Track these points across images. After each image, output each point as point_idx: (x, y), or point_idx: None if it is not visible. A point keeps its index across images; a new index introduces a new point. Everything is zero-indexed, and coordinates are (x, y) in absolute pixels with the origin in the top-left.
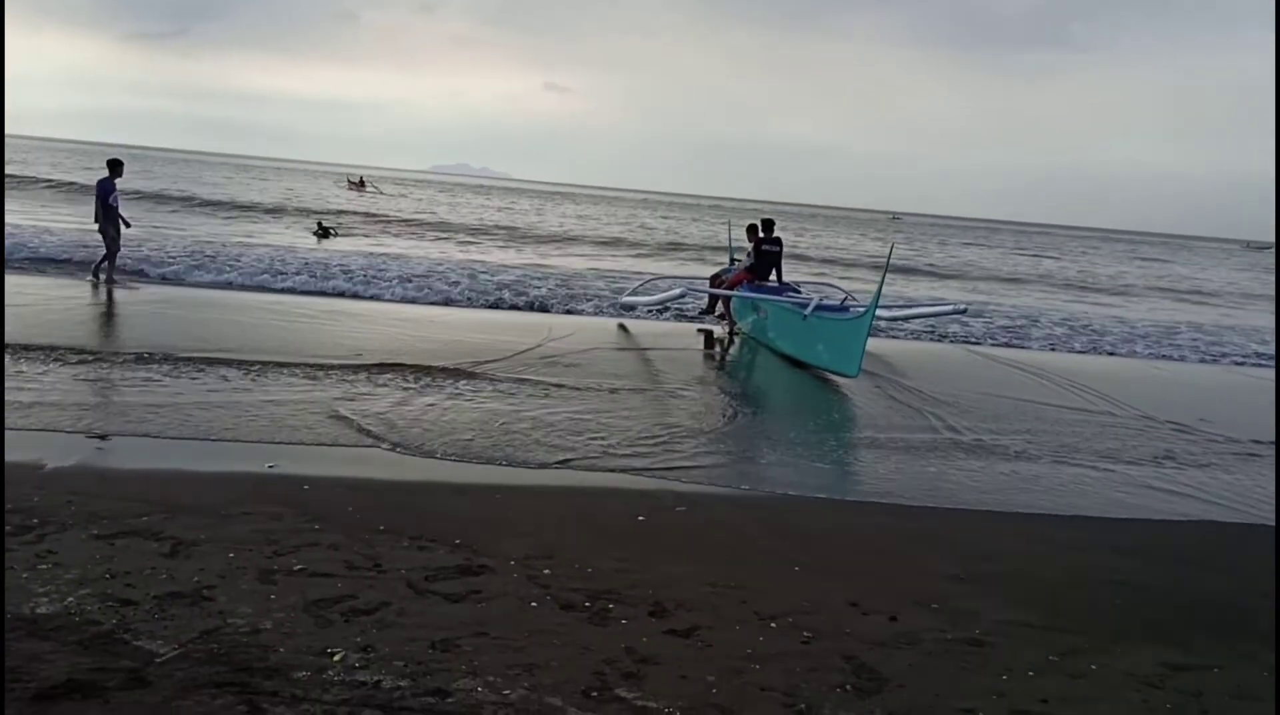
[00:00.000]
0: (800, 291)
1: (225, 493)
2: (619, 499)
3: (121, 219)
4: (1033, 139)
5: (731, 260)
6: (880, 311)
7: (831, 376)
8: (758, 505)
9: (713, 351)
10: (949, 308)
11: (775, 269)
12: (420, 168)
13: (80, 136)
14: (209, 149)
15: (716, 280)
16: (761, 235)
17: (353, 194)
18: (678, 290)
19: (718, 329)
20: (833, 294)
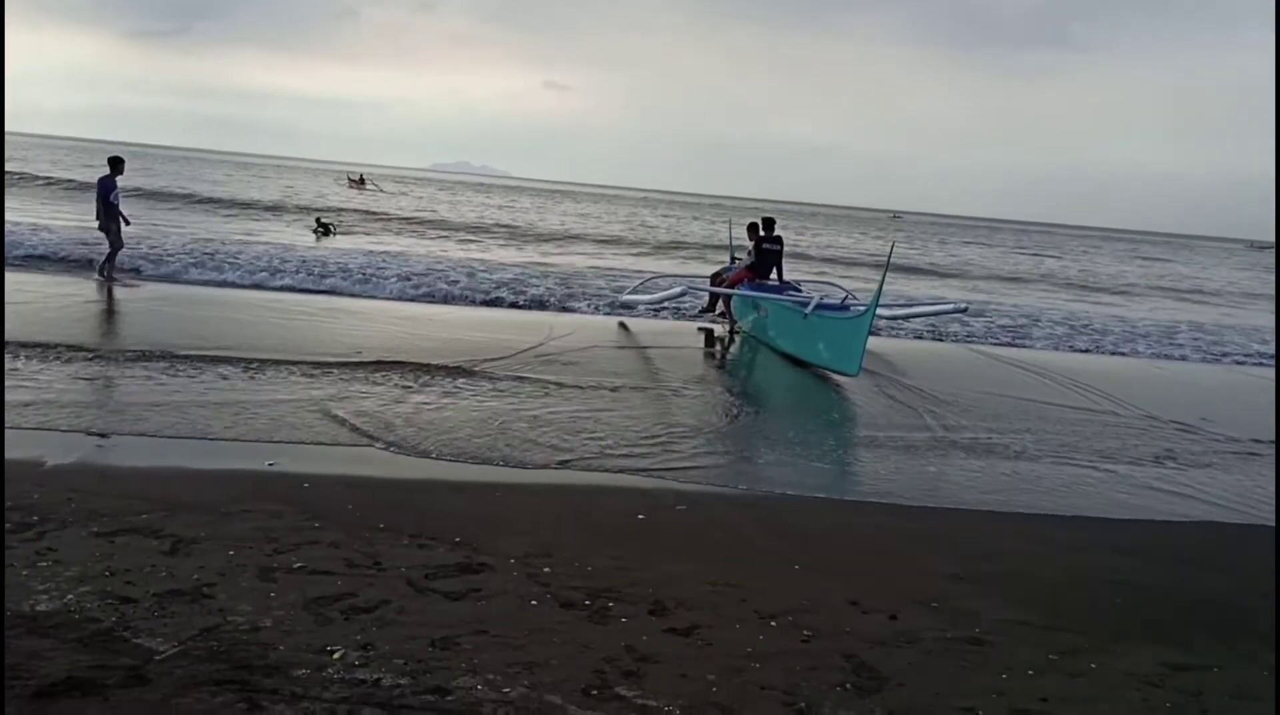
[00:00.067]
0: (801, 290)
1: (225, 490)
2: (619, 497)
3: (122, 217)
4: (1033, 138)
5: (732, 259)
6: (881, 310)
7: (832, 375)
8: (758, 504)
9: (713, 350)
10: (949, 307)
11: (776, 268)
12: (420, 166)
13: (80, 134)
14: (209, 147)
15: (717, 279)
16: (762, 234)
17: (353, 192)
18: (678, 289)
19: (718, 328)
20: (833, 293)
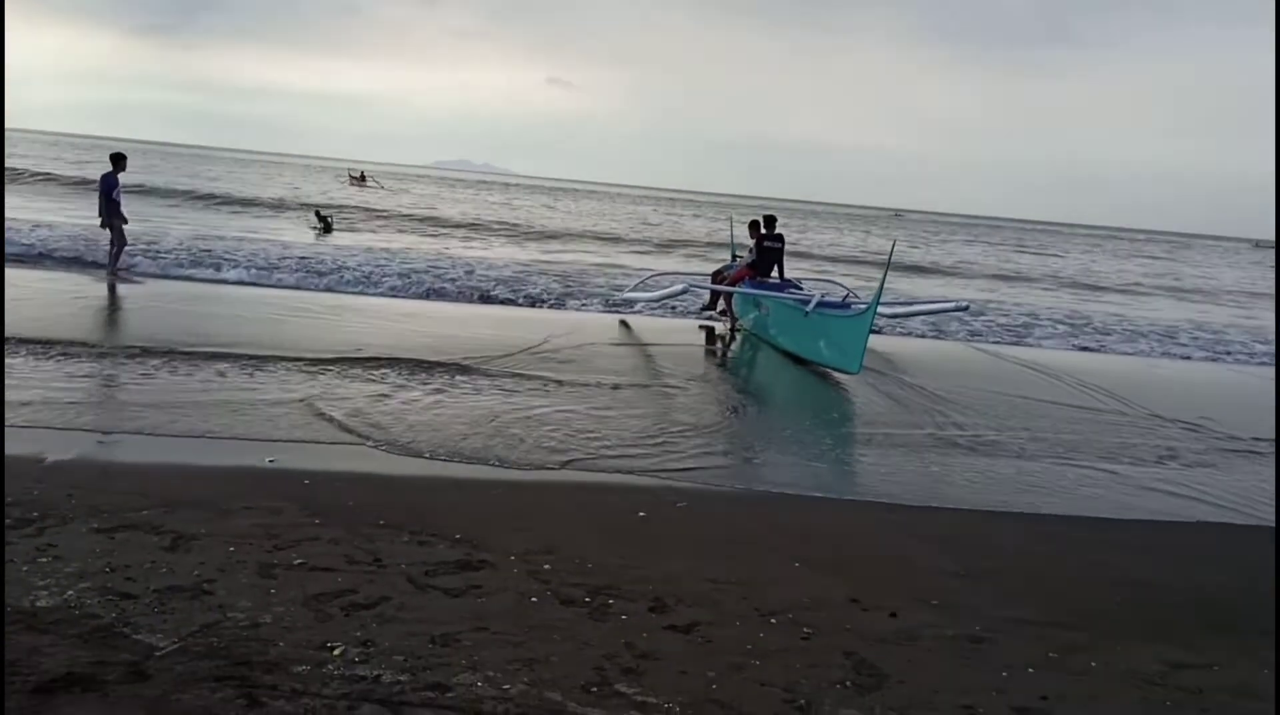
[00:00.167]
0: (802, 288)
1: (225, 487)
2: (619, 495)
3: (103, 214)
4: (1036, 137)
5: (733, 256)
6: (882, 308)
7: (833, 373)
8: (758, 502)
9: (714, 348)
10: (951, 305)
11: (777, 265)
12: (421, 163)
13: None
14: (210, 143)
15: (718, 277)
16: (763, 232)
17: (354, 189)
18: (679, 286)
19: (719, 325)
20: (834, 291)
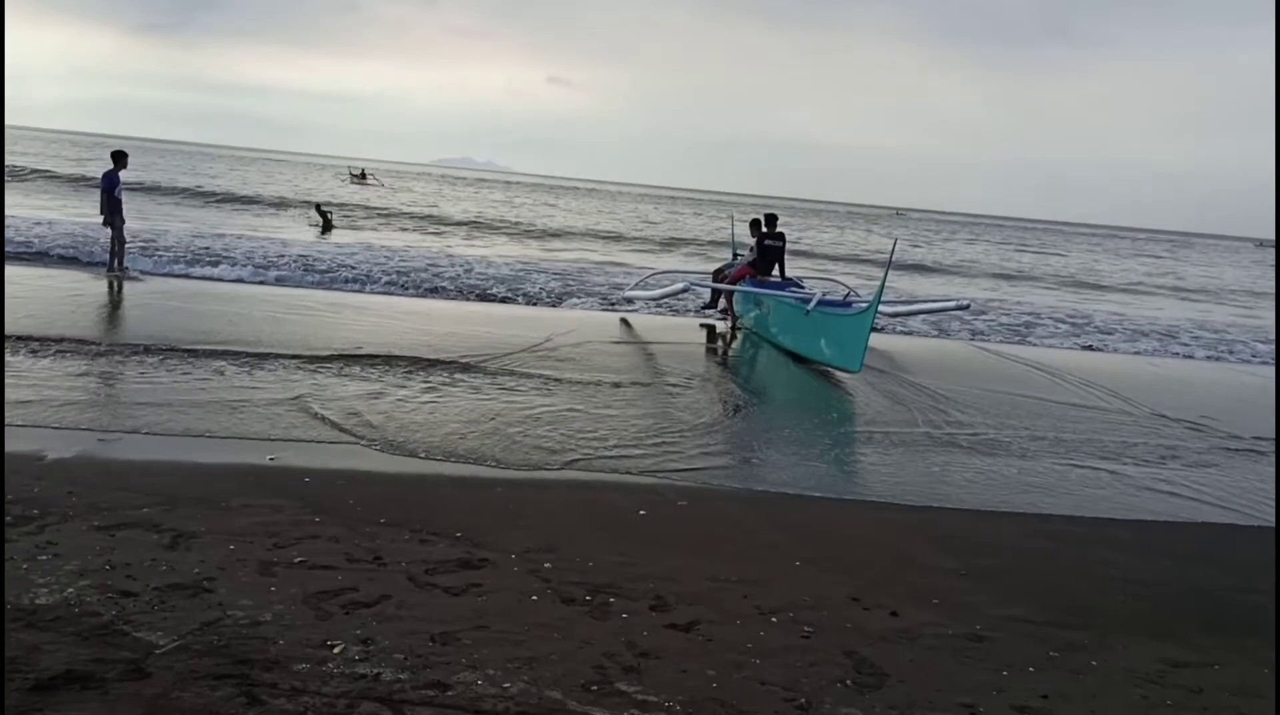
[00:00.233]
0: (803, 287)
1: (226, 485)
2: (620, 493)
3: (104, 212)
4: (1038, 135)
5: (734, 255)
6: (883, 307)
7: (834, 372)
8: (759, 500)
9: (715, 346)
10: (952, 303)
11: (778, 264)
12: (422, 161)
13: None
14: (210, 140)
15: (719, 275)
16: (764, 230)
17: (354, 186)
18: (680, 285)
19: (720, 324)
20: (835, 289)
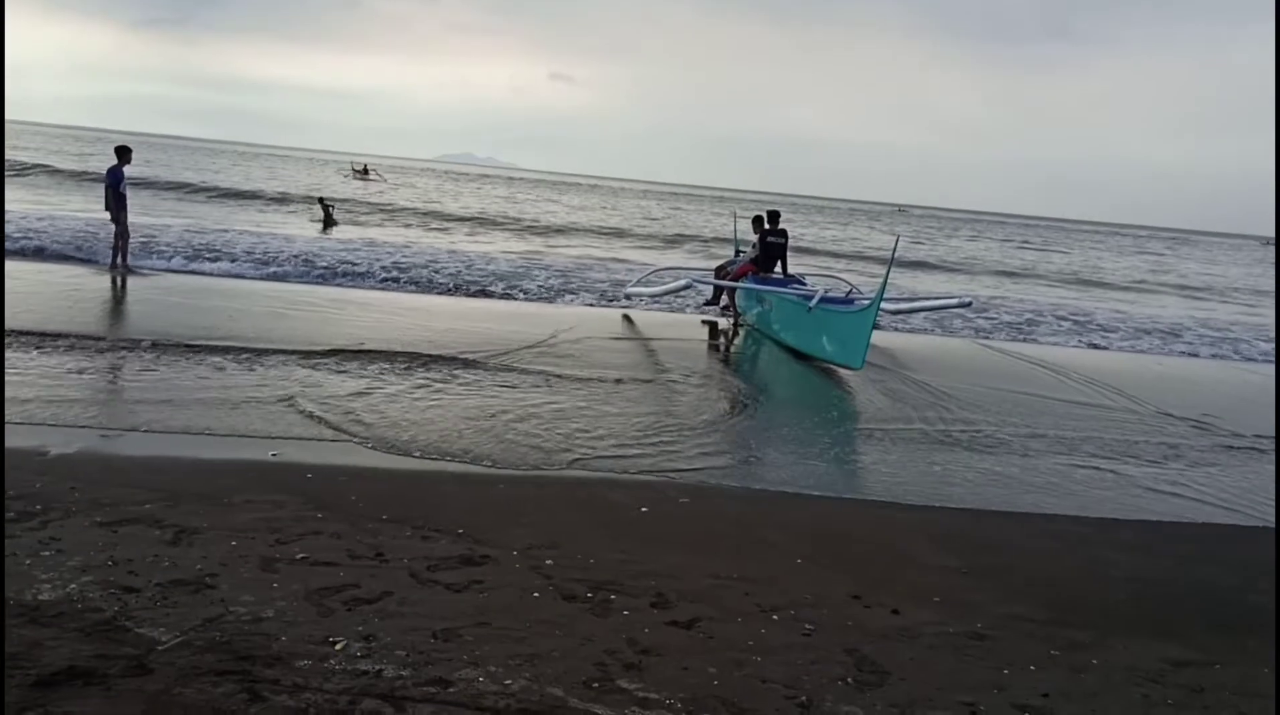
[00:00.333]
0: (805, 284)
1: (228, 481)
2: (622, 490)
3: (110, 209)
4: (1040, 132)
5: (736, 252)
6: (885, 304)
7: (836, 369)
8: (760, 498)
9: (717, 343)
10: (954, 301)
11: (780, 261)
12: (425, 157)
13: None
14: (212, 136)
15: (721, 272)
16: (767, 227)
17: (357, 182)
18: (683, 281)
19: (722, 321)
20: (837, 286)
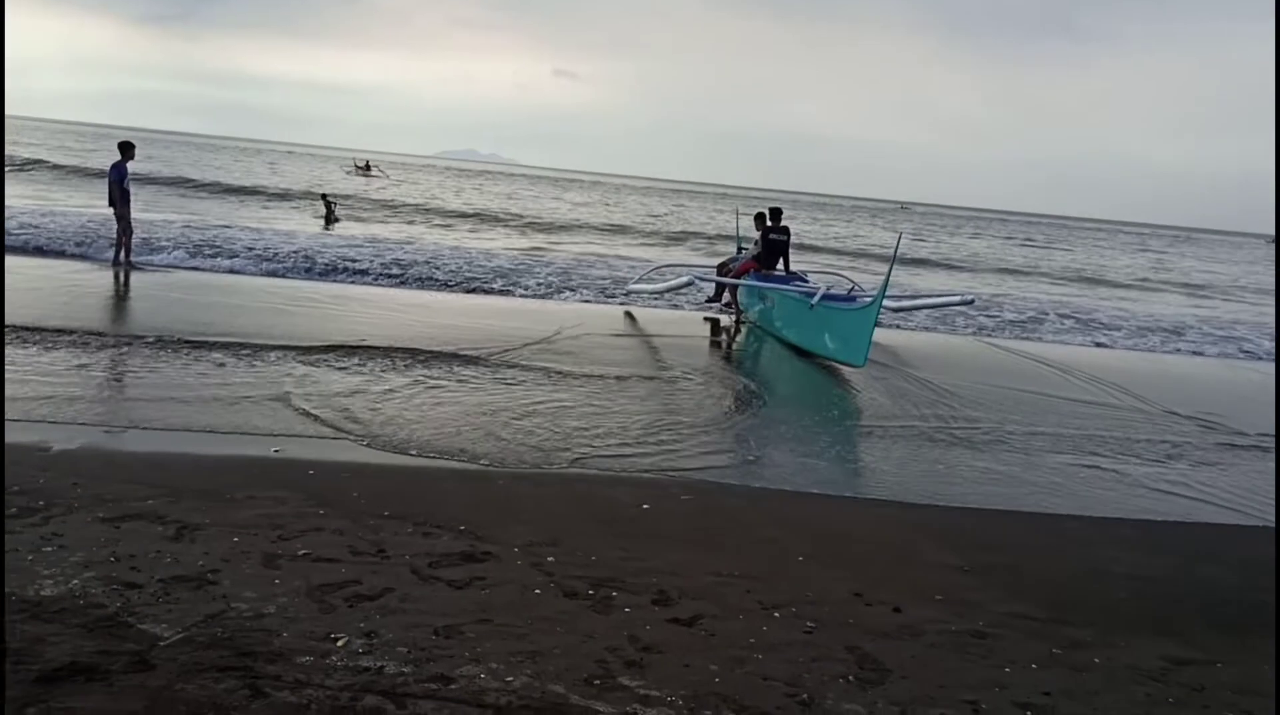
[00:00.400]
0: (807, 281)
1: (230, 477)
2: (623, 487)
3: (114, 203)
4: (1043, 130)
5: (739, 248)
6: (887, 302)
7: (838, 367)
8: (762, 496)
9: (719, 340)
10: (956, 298)
11: (782, 258)
12: (427, 153)
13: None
14: (213, 132)
15: (723, 269)
16: (769, 224)
17: (359, 178)
18: (685, 278)
19: (724, 318)
20: (839, 284)
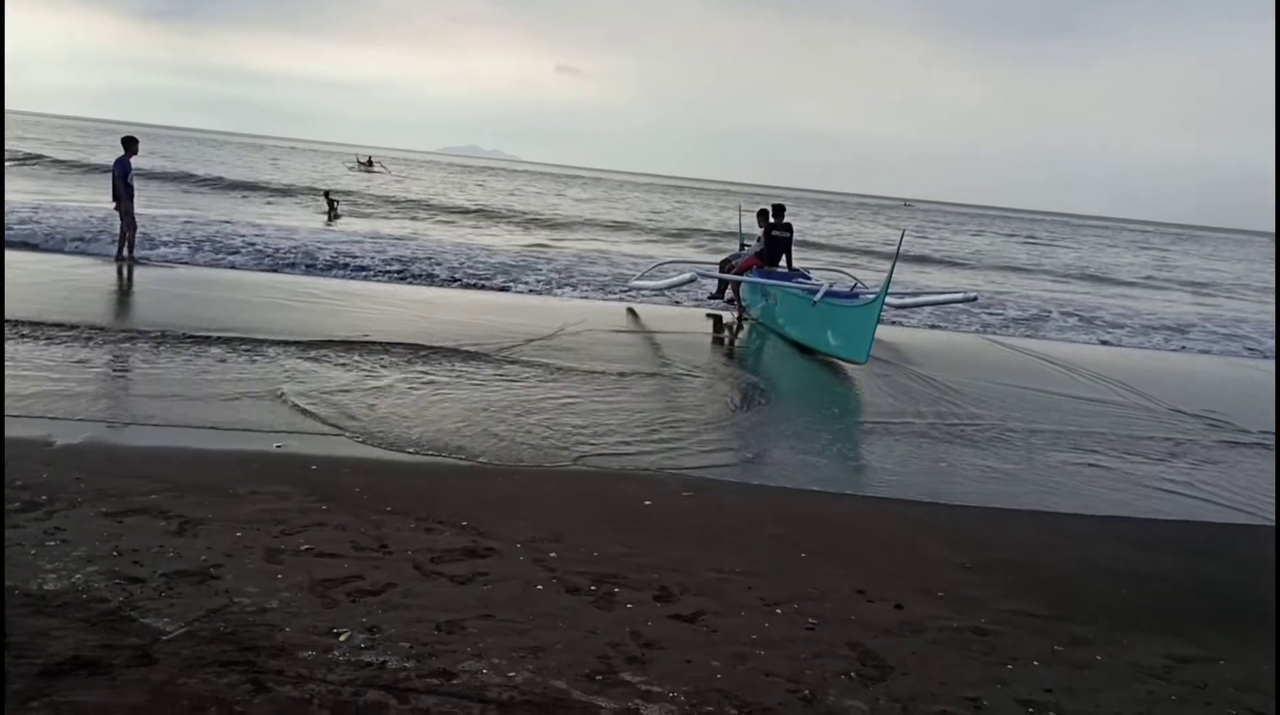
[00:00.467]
0: (810, 278)
1: (233, 472)
2: (626, 483)
3: (118, 199)
4: (1046, 127)
5: (741, 245)
6: (889, 299)
7: (840, 363)
8: (764, 493)
9: (722, 337)
10: (959, 295)
11: (785, 254)
12: (430, 149)
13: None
14: (216, 127)
15: (726, 265)
16: (772, 221)
17: (361, 174)
18: (687, 274)
19: (727, 314)
20: (842, 280)
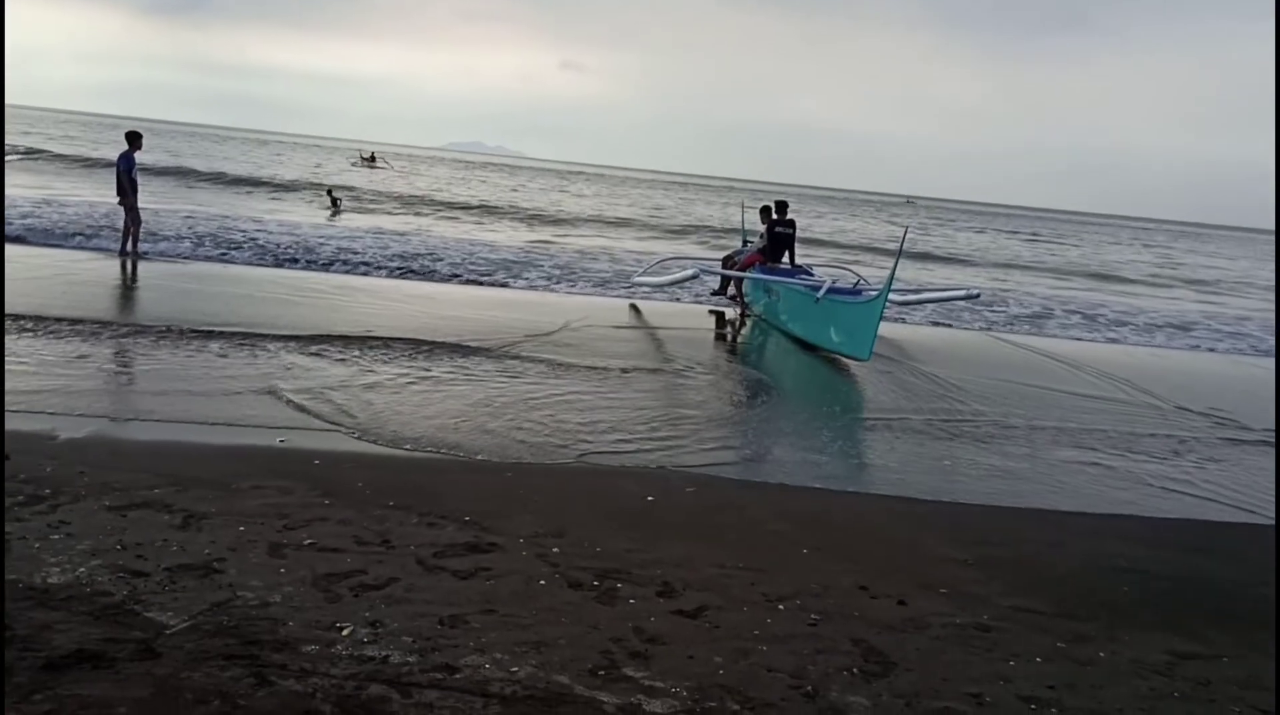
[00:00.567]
0: (813, 274)
1: (236, 466)
2: (629, 479)
3: (123, 193)
4: (1050, 125)
5: (744, 242)
6: (892, 296)
7: (843, 360)
8: (767, 489)
9: (724, 333)
10: (961, 293)
11: (788, 251)
12: (433, 144)
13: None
14: (219, 122)
15: (729, 262)
16: (775, 217)
17: (364, 170)
18: (690, 271)
19: (729, 311)
20: (845, 277)
